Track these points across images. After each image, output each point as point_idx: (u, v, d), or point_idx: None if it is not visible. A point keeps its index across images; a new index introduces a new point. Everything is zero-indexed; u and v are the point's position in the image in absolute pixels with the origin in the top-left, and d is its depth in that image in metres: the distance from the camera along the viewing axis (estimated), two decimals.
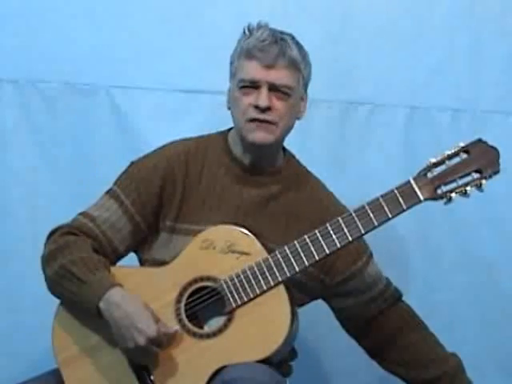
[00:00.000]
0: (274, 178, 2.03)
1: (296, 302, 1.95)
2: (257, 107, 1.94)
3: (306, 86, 2.04)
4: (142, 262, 2.06)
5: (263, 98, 1.94)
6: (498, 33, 2.60)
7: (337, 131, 2.64)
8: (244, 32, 2.00)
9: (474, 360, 2.57)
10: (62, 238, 1.96)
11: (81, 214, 2.02)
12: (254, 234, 1.93)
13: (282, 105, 1.96)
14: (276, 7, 2.57)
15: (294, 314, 1.90)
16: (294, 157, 2.11)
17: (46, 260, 1.96)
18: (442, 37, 2.61)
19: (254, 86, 1.95)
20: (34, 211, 2.57)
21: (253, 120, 1.95)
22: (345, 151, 2.64)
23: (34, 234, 2.47)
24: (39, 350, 2.21)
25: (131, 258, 2.08)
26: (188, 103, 2.61)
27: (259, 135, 1.96)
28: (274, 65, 1.94)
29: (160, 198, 2.00)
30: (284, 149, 2.09)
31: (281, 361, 1.96)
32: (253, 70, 1.95)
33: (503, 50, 2.61)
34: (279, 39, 1.96)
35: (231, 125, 2.04)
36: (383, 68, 2.60)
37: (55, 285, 1.94)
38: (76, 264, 1.90)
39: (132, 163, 2.06)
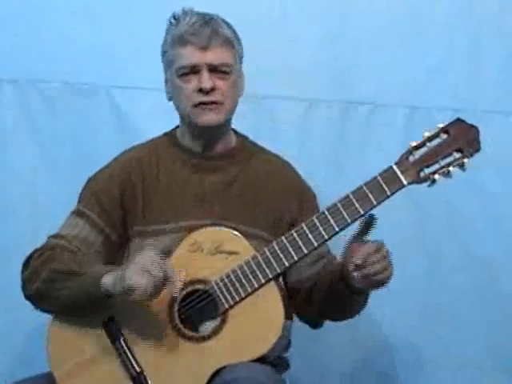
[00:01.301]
0: (230, 160, 2.04)
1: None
2: (201, 90, 1.94)
3: (241, 61, 2.05)
4: None
5: (205, 79, 1.94)
6: (496, 33, 2.60)
7: (337, 131, 2.63)
8: (170, 21, 2.02)
9: (475, 360, 2.58)
10: (39, 259, 1.95)
11: (50, 236, 2.01)
12: (226, 219, 1.94)
13: (224, 84, 1.97)
14: (275, 7, 2.56)
15: (286, 309, 1.90)
16: (247, 138, 2.11)
17: (28, 280, 1.95)
18: (441, 36, 2.61)
19: (193, 71, 1.96)
20: (34, 211, 2.57)
21: (199, 104, 1.96)
22: (345, 151, 2.63)
23: (33, 234, 2.47)
24: (38, 348, 2.19)
25: None
26: None
27: (208, 117, 1.97)
28: (208, 45, 1.95)
29: (122, 205, 2.01)
30: (235, 131, 2.10)
31: (278, 356, 1.97)
32: (189, 55, 1.95)
33: (502, 49, 2.61)
34: (209, 19, 1.97)
35: None
36: (383, 68, 2.60)
37: (46, 294, 1.92)
38: (65, 264, 1.90)
39: (89, 179, 2.06)
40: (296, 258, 1.89)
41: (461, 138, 1.86)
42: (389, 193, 1.86)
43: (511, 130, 2.62)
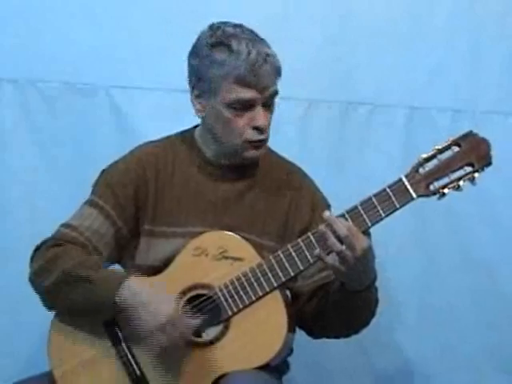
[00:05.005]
0: (247, 170, 2.01)
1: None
2: (256, 128, 1.91)
3: None
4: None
5: (262, 118, 1.91)
6: (497, 34, 2.60)
7: (337, 131, 2.63)
8: (212, 44, 1.92)
9: (474, 361, 2.58)
10: (49, 252, 1.93)
11: (62, 225, 2.00)
12: (234, 229, 1.92)
13: (269, 115, 1.95)
14: (276, 8, 2.56)
15: (290, 319, 1.89)
16: (268, 148, 2.06)
17: (38, 275, 1.92)
18: (441, 37, 2.60)
19: (246, 105, 1.91)
20: (34, 211, 2.57)
21: (251, 141, 1.93)
22: (345, 151, 2.63)
23: (33, 234, 2.43)
24: (39, 349, 2.20)
25: None
26: (188, 103, 2.59)
27: (256, 153, 1.95)
28: (268, 85, 1.91)
29: (136, 200, 1.98)
30: None
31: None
32: (249, 94, 1.89)
33: (503, 50, 2.60)
34: (265, 55, 1.90)
35: None
36: (383, 68, 2.59)
37: (56, 294, 1.90)
38: (77, 267, 1.87)
39: (103, 171, 2.04)
40: (302, 268, 1.86)
41: (472, 152, 1.83)
42: (398, 205, 1.83)
43: (511, 131, 2.62)
